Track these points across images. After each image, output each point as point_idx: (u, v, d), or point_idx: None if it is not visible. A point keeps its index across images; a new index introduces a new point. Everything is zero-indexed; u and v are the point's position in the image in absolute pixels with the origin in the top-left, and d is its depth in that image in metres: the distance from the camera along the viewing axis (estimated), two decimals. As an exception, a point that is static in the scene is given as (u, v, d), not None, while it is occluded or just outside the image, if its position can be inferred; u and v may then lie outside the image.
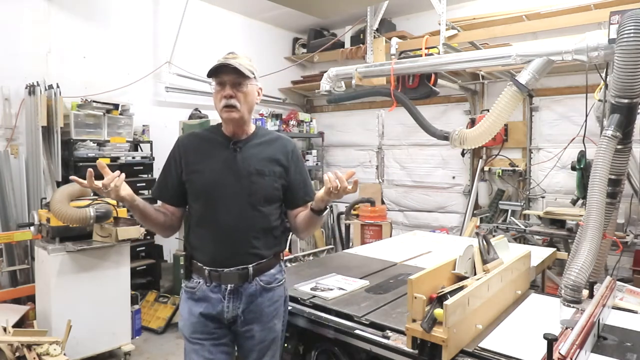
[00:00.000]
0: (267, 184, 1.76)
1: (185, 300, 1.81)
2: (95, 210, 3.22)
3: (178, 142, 1.86)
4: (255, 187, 1.74)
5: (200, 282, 1.75)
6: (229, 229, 1.72)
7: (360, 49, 5.71)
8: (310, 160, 6.54)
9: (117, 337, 3.50)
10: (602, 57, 2.64)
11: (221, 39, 5.74)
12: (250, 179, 1.74)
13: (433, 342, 1.42)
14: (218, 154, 1.77)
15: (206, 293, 1.74)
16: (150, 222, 1.78)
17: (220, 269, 1.72)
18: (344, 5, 4.37)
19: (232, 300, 1.73)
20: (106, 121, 4.25)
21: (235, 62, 1.68)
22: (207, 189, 1.74)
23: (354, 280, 2.19)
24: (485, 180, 5.28)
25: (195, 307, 1.76)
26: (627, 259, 4.02)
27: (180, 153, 1.81)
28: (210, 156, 1.77)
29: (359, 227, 5.05)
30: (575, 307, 1.73)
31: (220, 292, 1.73)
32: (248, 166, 1.75)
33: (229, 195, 1.73)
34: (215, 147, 1.79)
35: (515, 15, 4.64)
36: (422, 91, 3.64)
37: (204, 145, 1.81)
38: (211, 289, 1.74)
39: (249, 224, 1.74)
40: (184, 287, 1.83)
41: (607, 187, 2.08)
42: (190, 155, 1.79)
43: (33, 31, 4.14)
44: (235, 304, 1.73)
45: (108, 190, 1.57)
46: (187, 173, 1.78)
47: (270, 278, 1.79)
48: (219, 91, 1.72)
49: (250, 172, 1.74)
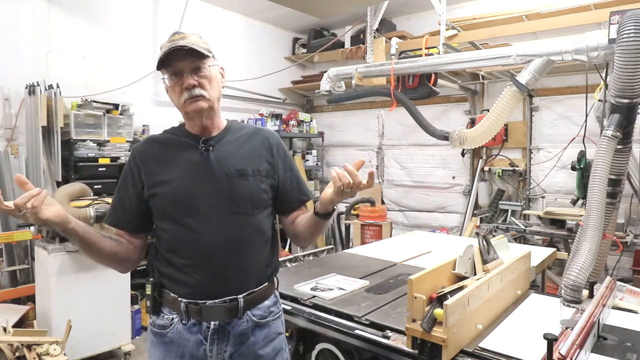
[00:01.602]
0: (252, 185, 1.43)
1: (155, 344, 1.43)
2: (95, 210, 3.22)
3: (133, 152, 1.48)
4: (238, 191, 1.41)
5: (174, 320, 1.38)
6: (211, 249, 1.37)
7: (360, 49, 5.70)
8: (310, 160, 6.54)
9: (117, 337, 3.50)
10: (602, 57, 2.63)
11: (221, 39, 5.73)
12: (231, 182, 1.40)
13: (433, 342, 1.41)
14: (185, 157, 1.42)
15: (182, 334, 1.37)
16: (97, 253, 1.36)
17: (201, 301, 1.36)
18: (344, 5, 4.37)
19: (217, 342, 1.37)
20: (106, 121, 4.25)
21: (187, 42, 1.33)
22: (178, 203, 1.38)
23: (354, 280, 2.19)
24: (485, 180, 5.28)
25: (168, 355, 1.39)
26: (627, 259, 4.02)
27: (137, 164, 1.43)
28: (176, 162, 1.41)
29: (359, 227, 5.05)
30: (575, 307, 1.73)
31: (200, 332, 1.36)
32: (225, 167, 1.41)
33: (206, 207, 1.38)
34: (181, 150, 1.43)
35: (515, 15, 4.64)
36: (422, 91, 3.64)
37: (166, 150, 1.44)
38: (188, 327, 1.37)
39: (235, 239, 1.39)
40: (150, 327, 1.45)
41: (607, 187, 2.08)
42: (150, 165, 1.42)
43: (33, 31, 4.14)
44: (221, 346, 1.38)
45: (22, 212, 1.14)
46: (149, 187, 1.41)
47: (264, 312, 1.45)
48: (176, 82, 1.36)
49: (230, 174, 1.41)
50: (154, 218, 1.45)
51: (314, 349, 1.91)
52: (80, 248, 1.34)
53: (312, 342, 1.91)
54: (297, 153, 6.44)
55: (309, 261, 2.76)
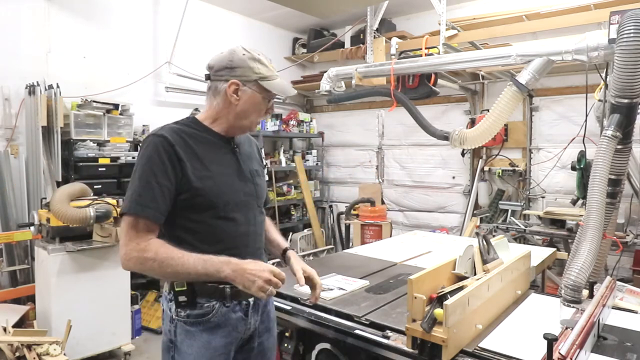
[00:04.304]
0: (263, 184, 1.69)
1: (194, 333, 1.47)
2: (95, 210, 3.22)
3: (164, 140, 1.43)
4: (258, 189, 1.63)
5: (216, 305, 1.48)
6: (247, 237, 1.56)
7: (360, 49, 5.70)
8: (310, 160, 6.54)
9: (117, 337, 3.50)
10: (602, 57, 2.63)
11: (221, 39, 5.73)
12: (254, 180, 1.61)
13: (433, 342, 1.41)
14: (221, 155, 1.54)
15: (227, 315, 1.49)
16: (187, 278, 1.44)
17: None
18: (344, 5, 4.37)
19: (252, 315, 1.58)
20: (106, 121, 4.25)
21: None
22: (222, 197, 1.48)
23: (354, 280, 2.19)
24: (485, 180, 5.28)
25: (215, 338, 1.48)
26: (627, 259, 4.02)
27: (177, 155, 1.43)
28: (213, 159, 1.51)
29: (359, 227, 5.05)
30: (575, 307, 1.73)
31: (241, 310, 1.53)
32: (248, 167, 1.60)
33: (242, 202, 1.55)
34: (216, 148, 1.54)
35: (515, 15, 4.64)
36: (422, 91, 3.64)
37: (200, 146, 1.50)
38: (232, 308, 1.50)
39: (259, 229, 1.63)
40: (181, 319, 1.48)
41: (607, 187, 2.08)
42: (190, 158, 1.45)
43: (33, 31, 4.14)
44: (255, 318, 1.59)
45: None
46: (191, 179, 1.44)
47: None
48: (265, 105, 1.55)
49: (252, 174, 1.61)
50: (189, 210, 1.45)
51: (314, 349, 1.91)
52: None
53: (312, 342, 1.91)
54: (297, 153, 6.43)
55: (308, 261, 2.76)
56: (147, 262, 1.36)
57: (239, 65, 1.50)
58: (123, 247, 1.40)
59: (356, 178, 6.54)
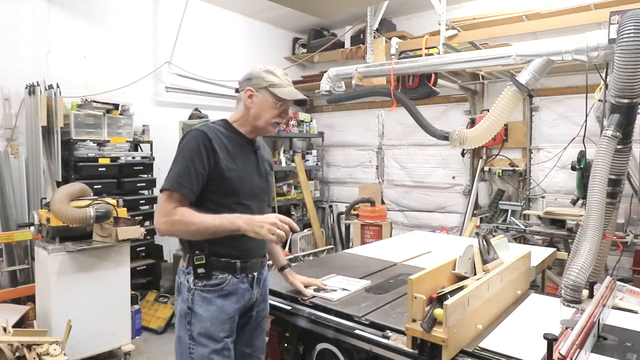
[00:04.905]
0: (272, 183, 2.04)
1: (209, 299, 1.75)
2: (95, 210, 3.22)
3: (203, 134, 1.74)
4: (269, 186, 1.99)
5: (228, 276, 1.79)
6: None
7: (360, 49, 5.70)
8: (310, 160, 6.54)
9: (117, 337, 3.50)
10: (602, 57, 2.63)
11: (221, 39, 5.74)
12: (267, 178, 1.96)
13: (433, 342, 1.42)
14: (245, 153, 1.87)
15: (237, 285, 1.81)
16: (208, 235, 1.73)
17: (248, 259, 1.84)
18: (344, 5, 4.37)
19: (255, 286, 1.87)
20: (106, 121, 4.25)
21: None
22: (243, 187, 1.81)
23: (355, 281, 2.18)
24: (485, 180, 5.28)
25: (227, 303, 1.78)
26: (627, 259, 4.02)
27: (212, 146, 1.73)
28: (239, 154, 1.83)
29: (359, 227, 5.05)
30: (575, 307, 1.73)
31: (247, 281, 1.84)
32: (264, 166, 1.94)
33: (257, 194, 1.87)
34: (242, 147, 1.86)
35: (515, 15, 4.64)
36: (422, 91, 3.63)
37: (230, 143, 1.81)
38: (241, 280, 1.82)
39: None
40: (198, 288, 1.75)
41: (607, 187, 2.08)
42: (222, 151, 1.76)
43: (33, 31, 4.14)
44: (257, 289, 1.89)
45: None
46: (222, 169, 1.74)
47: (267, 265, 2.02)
48: (276, 108, 1.83)
49: (266, 172, 1.96)
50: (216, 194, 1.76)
51: (314, 349, 1.91)
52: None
53: (312, 342, 1.92)
54: (297, 153, 6.43)
55: (309, 261, 2.76)
56: (176, 224, 1.66)
57: (254, 76, 1.84)
58: (158, 215, 1.70)
59: (356, 178, 6.55)
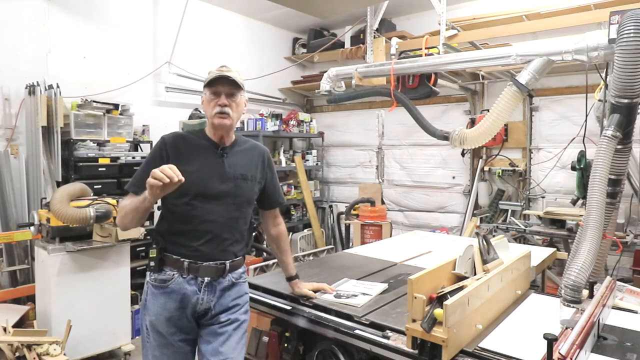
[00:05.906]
0: (249, 187, 1.93)
1: (156, 294, 1.83)
2: (95, 210, 3.22)
3: (164, 140, 1.87)
4: (240, 191, 1.89)
5: (175, 275, 1.81)
6: (214, 227, 1.83)
7: (360, 49, 5.70)
8: (310, 160, 6.54)
9: (117, 337, 3.50)
10: (602, 57, 2.63)
11: (221, 39, 5.74)
12: (236, 182, 1.88)
13: (433, 342, 1.42)
14: (206, 157, 1.86)
15: (182, 285, 1.80)
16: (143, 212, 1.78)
17: (199, 262, 1.81)
18: (344, 5, 4.36)
19: (207, 293, 1.82)
20: (106, 121, 4.25)
21: (231, 74, 1.82)
22: (196, 188, 1.79)
23: (372, 284, 2.12)
24: (485, 180, 5.28)
25: (169, 302, 1.80)
26: (627, 259, 4.02)
27: (167, 151, 1.83)
28: (197, 158, 1.85)
29: (359, 227, 5.05)
30: (575, 307, 1.73)
31: (196, 284, 1.81)
32: (233, 171, 1.88)
33: (214, 196, 1.83)
34: (202, 151, 1.87)
35: (515, 15, 4.64)
36: (422, 91, 3.63)
37: (190, 147, 1.87)
38: (187, 280, 1.80)
39: (231, 224, 1.87)
40: (151, 281, 1.85)
41: (607, 187, 2.08)
42: (178, 155, 1.82)
43: (33, 31, 4.14)
44: (209, 296, 1.82)
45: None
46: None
47: (238, 275, 1.92)
48: (212, 99, 1.83)
49: (236, 177, 1.88)
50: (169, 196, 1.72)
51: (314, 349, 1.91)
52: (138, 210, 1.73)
53: (312, 342, 1.91)
54: (297, 153, 6.43)
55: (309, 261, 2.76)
56: (119, 213, 1.82)
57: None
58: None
59: (356, 178, 6.55)
